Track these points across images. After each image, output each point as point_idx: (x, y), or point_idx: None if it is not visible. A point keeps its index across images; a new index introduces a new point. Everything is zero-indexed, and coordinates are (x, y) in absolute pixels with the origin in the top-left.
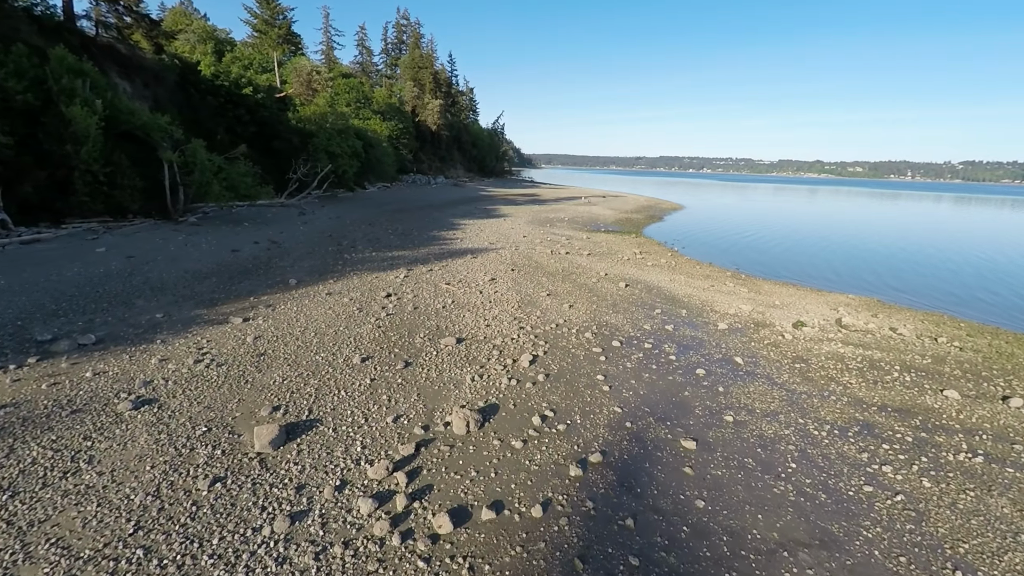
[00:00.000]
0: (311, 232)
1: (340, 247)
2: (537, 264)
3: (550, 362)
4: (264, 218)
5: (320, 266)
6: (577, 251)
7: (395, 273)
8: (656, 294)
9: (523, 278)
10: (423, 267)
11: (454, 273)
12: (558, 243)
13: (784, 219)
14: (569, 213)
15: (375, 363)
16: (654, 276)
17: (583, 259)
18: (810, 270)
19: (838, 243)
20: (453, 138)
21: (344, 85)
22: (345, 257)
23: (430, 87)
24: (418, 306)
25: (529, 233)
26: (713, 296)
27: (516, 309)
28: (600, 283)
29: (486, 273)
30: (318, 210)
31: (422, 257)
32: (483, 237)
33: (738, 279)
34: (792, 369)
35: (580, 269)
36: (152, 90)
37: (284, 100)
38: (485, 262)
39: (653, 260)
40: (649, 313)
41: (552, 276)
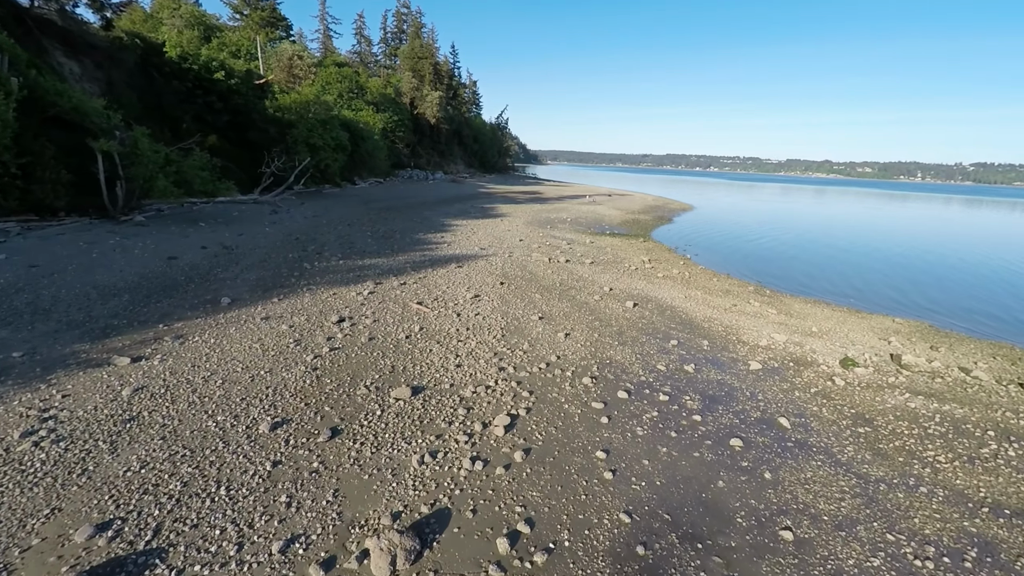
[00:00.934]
0: (277, 234)
1: (304, 253)
2: (531, 276)
3: (533, 427)
4: (229, 217)
5: (270, 279)
6: (579, 258)
7: (359, 288)
8: (671, 317)
9: (513, 295)
10: (396, 280)
11: (431, 288)
12: (558, 248)
13: (798, 222)
14: (572, 213)
15: (290, 432)
16: (666, 292)
17: (585, 269)
18: (839, 283)
19: (859, 250)
20: (453, 132)
21: (336, 74)
22: (305, 267)
23: (430, 78)
24: (375, 335)
25: (527, 236)
26: (738, 320)
27: (499, 340)
28: (604, 301)
29: (470, 288)
30: (295, 208)
31: (398, 266)
32: (474, 241)
33: (762, 295)
34: (856, 436)
35: (581, 282)
36: (106, 72)
37: (263, 88)
38: (471, 273)
39: (664, 270)
40: (663, 345)
41: (547, 292)
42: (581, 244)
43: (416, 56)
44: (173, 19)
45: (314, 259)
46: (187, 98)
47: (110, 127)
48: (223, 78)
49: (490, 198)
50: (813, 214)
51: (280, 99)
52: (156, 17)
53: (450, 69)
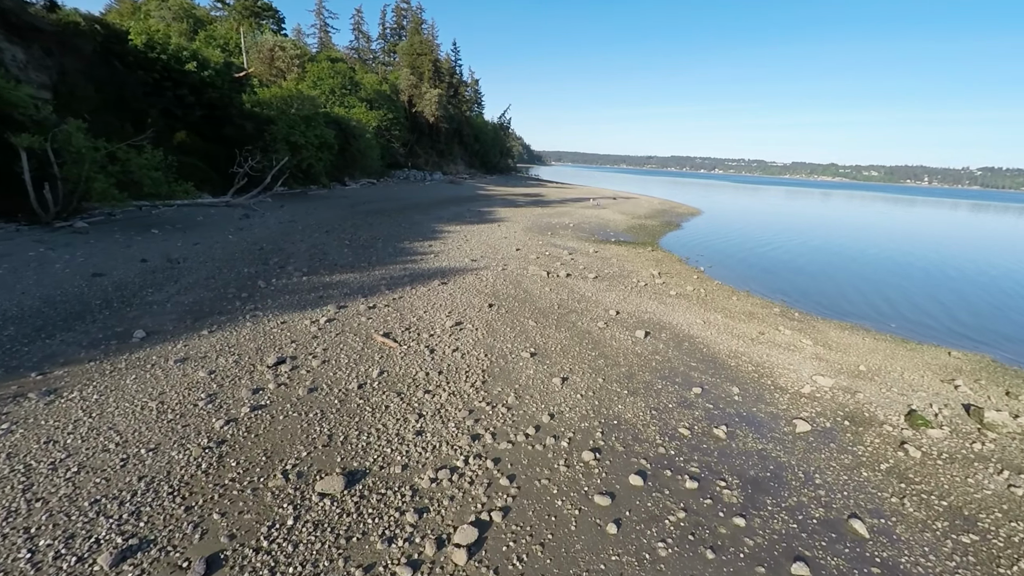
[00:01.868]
0: (240, 243)
1: (264, 267)
2: (526, 295)
3: (511, 545)
4: (191, 222)
5: (209, 302)
6: (581, 272)
7: (316, 314)
8: (690, 351)
9: (503, 321)
10: (364, 302)
11: (406, 313)
12: (558, 259)
13: (810, 228)
14: (575, 217)
15: (142, 569)
16: (682, 316)
17: (588, 285)
18: (872, 302)
19: (882, 260)
20: (453, 131)
21: (329, 69)
22: (259, 285)
23: (429, 75)
24: (318, 385)
25: (525, 244)
26: (769, 354)
27: (477, 389)
28: (609, 330)
29: (452, 312)
30: (271, 212)
31: (371, 283)
32: (465, 250)
33: (790, 319)
34: (962, 551)
35: (583, 303)
36: (57, 60)
37: (241, 81)
38: (456, 292)
39: (677, 286)
40: (684, 395)
41: (544, 317)
42: (584, 254)
43: (415, 52)
44: (161, 11)
45: (273, 275)
46: (154, 91)
47: (42, 119)
48: (195, 69)
49: (489, 200)
50: (825, 219)
51: (260, 93)
52: (143, 9)
53: (451, 67)
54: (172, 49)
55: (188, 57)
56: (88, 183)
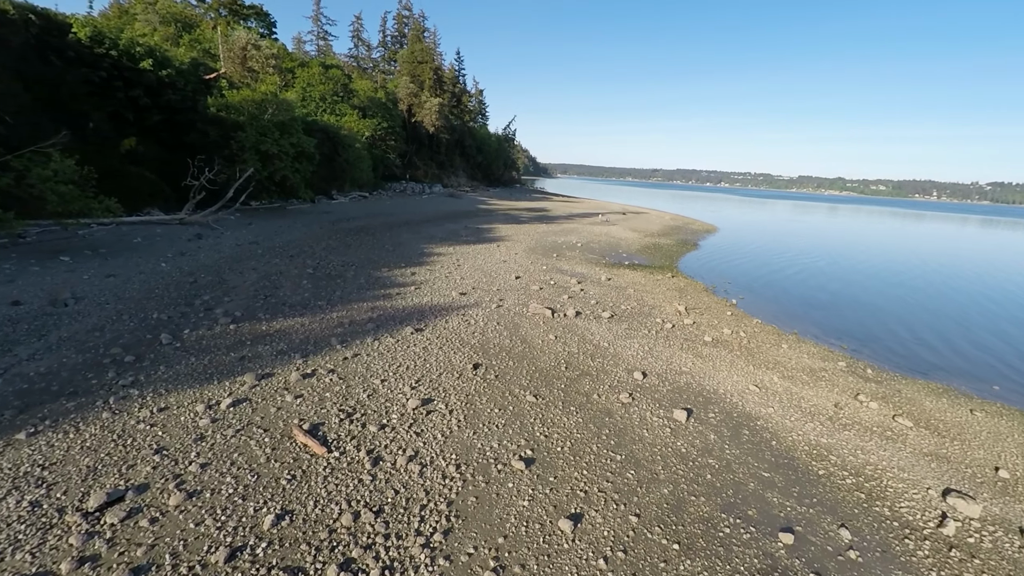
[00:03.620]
0: (169, 274)
1: (184, 310)
2: (525, 346)
3: None
4: (124, 246)
5: (68, 373)
6: (593, 309)
7: (220, 391)
8: (755, 448)
9: (489, 395)
10: (299, 366)
11: (354, 385)
12: (565, 291)
13: (834, 245)
14: (583, 235)
15: None
16: (728, 377)
17: (602, 329)
18: (953, 343)
19: (932, 286)
20: (455, 142)
21: (319, 75)
22: (160, 342)
23: (430, 84)
24: (155, 561)
25: (526, 270)
26: (864, 447)
27: (433, 551)
28: (636, 408)
29: (421, 380)
30: (233, 230)
31: (320, 334)
32: (455, 280)
33: (863, 378)
34: None
35: (598, 359)
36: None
37: (209, 83)
38: (433, 345)
39: (710, 327)
40: (768, 549)
41: (546, 385)
42: (595, 282)
43: (416, 60)
44: (147, 15)
45: (191, 323)
46: (102, 91)
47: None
48: (151, 67)
49: (489, 216)
50: (845, 235)
51: (228, 96)
52: (130, 13)
53: (454, 76)
54: (124, 44)
55: (143, 54)
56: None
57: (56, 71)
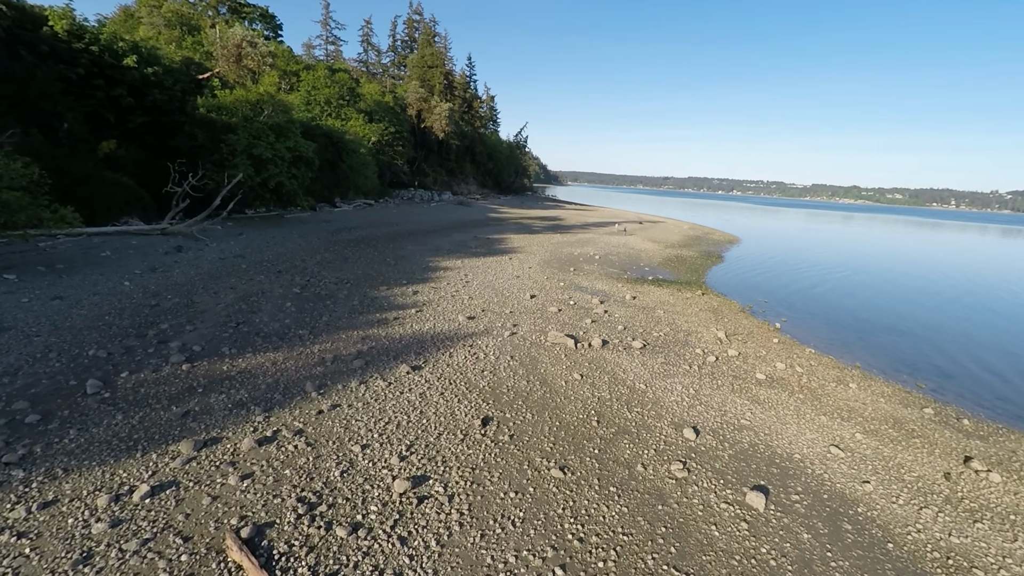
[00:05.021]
0: (129, 295)
1: (131, 344)
2: (545, 389)
3: None
4: (88, 260)
5: None
6: (621, 336)
7: (139, 468)
8: (863, 554)
9: (501, 467)
10: (259, 425)
11: (326, 453)
12: (588, 313)
13: (864, 255)
14: (600, 246)
15: None
16: (799, 434)
17: (635, 365)
18: None
19: (982, 300)
20: (465, 148)
21: (325, 78)
22: (84, 392)
23: (440, 89)
24: None
25: (542, 287)
26: (1018, 554)
27: None
28: (691, 484)
29: (414, 445)
30: (220, 241)
31: (293, 377)
32: (463, 300)
33: (963, 432)
34: None
35: (635, 407)
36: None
37: (202, 83)
38: (432, 389)
39: (759, 359)
40: None
41: (575, 449)
42: (620, 302)
43: (426, 65)
44: (152, 17)
45: (135, 361)
46: (80, 89)
47: None
48: (135, 64)
49: (500, 225)
50: (870, 246)
51: (220, 96)
52: (135, 17)
53: (465, 81)
54: (105, 39)
55: (126, 50)
56: None
57: (27, 68)
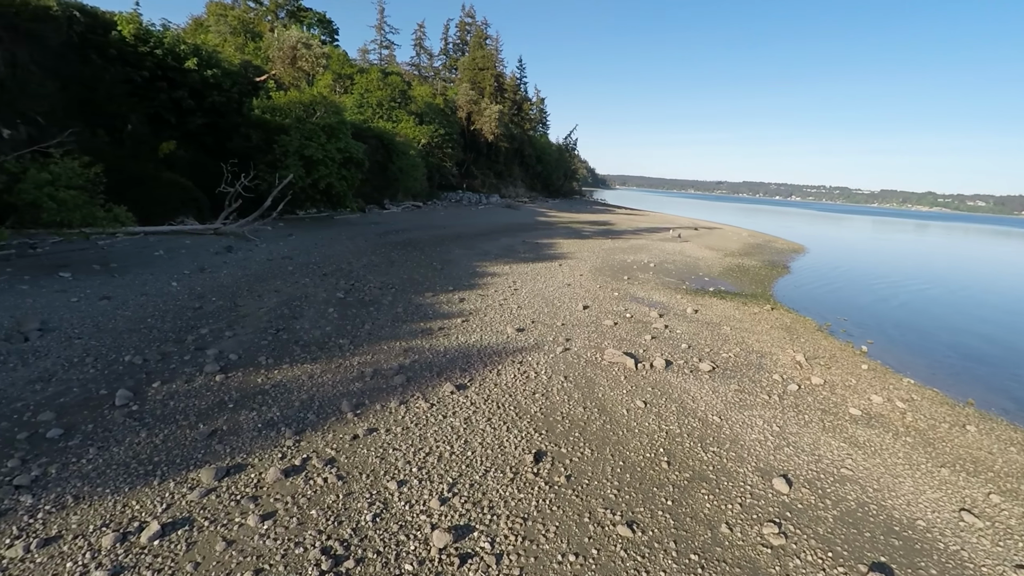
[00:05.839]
0: (175, 297)
1: (169, 350)
2: (604, 416)
3: None
4: (142, 260)
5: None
6: (685, 356)
7: (153, 500)
8: None
9: (558, 513)
10: (288, 452)
11: (359, 490)
12: (646, 327)
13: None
14: (654, 253)
15: None
16: (917, 492)
17: (704, 391)
18: None
19: None
20: (514, 151)
21: (377, 81)
22: (113, 404)
23: (491, 91)
24: None
25: (595, 297)
26: None
27: None
28: (791, 556)
29: (459, 480)
30: (270, 243)
31: (329, 394)
32: (511, 310)
33: None
34: None
35: (709, 446)
36: (7, 48)
37: (258, 86)
38: (479, 413)
39: (850, 391)
40: None
41: (640, 494)
42: (681, 315)
43: (476, 67)
44: (219, 25)
45: (169, 369)
46: (143, 91)
47: None
48: (195, 67)
49: (549, 230)
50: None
51: (275, 97)
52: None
53: (515, 83)
54: (169, 42)
55: (188, 53)
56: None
57: (95, 70)
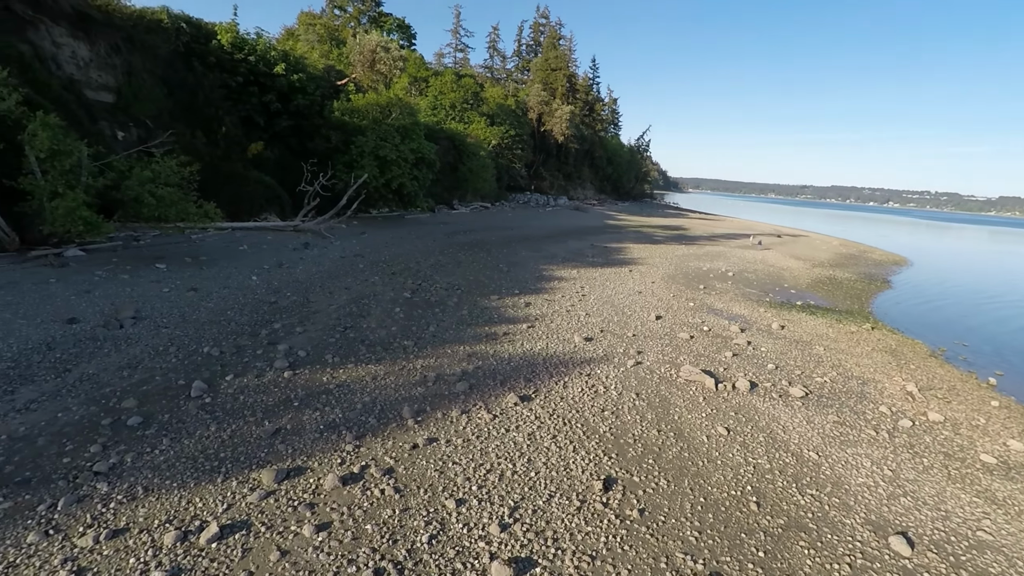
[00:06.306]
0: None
1: (244, 344)
2: (681, 442)
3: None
4: (227, 254)
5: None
6: (772, 379)
7: (215, 499)
8: None
9: (631, 554)
10: (347, 456)
11: (414, 509)
12: (725, 343)
13: None
14: (733, 262)
15: None
16: None
17: (796, 421)
18: None
19: None
20: (584, 152)
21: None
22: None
23: (562, 91)
24: None
25: (668, 307)
26: None
27: None
28: None
29: (520, 504)
30: (343, 240)
31: (393, 395)
32: (578, 317)
33: None
34: None
35: (804, 484)
36: (124, 58)
37: (339, 89)
38: (544, 428)
39: (978, 431)
40: None
41: (726, 539)
42: (765, 331)
43: (549, 68)
44: (308, 34)
45: (243, 363)
46: (237, 96)
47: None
48: (283, 72)
49: (618, 233)
50: None
51: (354, 99)
52: (295, 35)
53: (588, 84)
54: (260, 49)
55: (277, 59)
56: (54, 200)
57: (197, 77)
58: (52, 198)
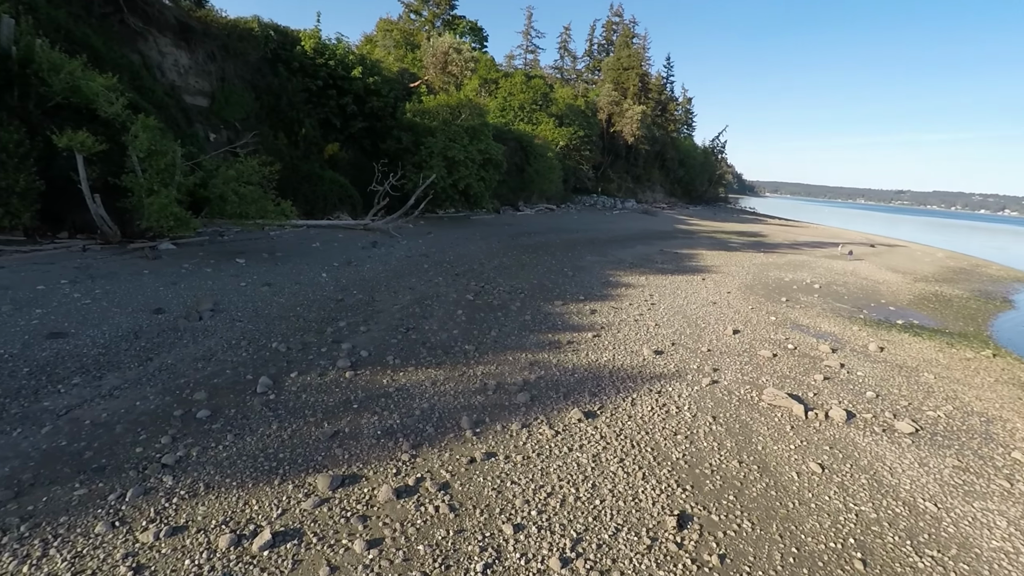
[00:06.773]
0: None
1: (310, 341)
2: (766, 479)
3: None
4: (300, 251)
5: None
6: (873, 409)
7: (270, 504)
8: None
9: None
10: (404, 466)
11: (468, 532)
12: (815, 365)
13: None
14: (819, 273)
15: None
16: None
17: (906, 462)
18: None
19: None
20: (655, 154)
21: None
22: (255, 391)
23: (634, 91)
24: None
25: (747, 321)
26: None
27: None
28: None
29: (583, 538)
30: (409, 239)
31: (452, 403)
32: (647, 326)
33: None
34: None
35: (919, 544)
36: (219, 65)
37: (411, 91)
38: (608, 452)
39: None
40: None
41: None
42: (861, 354)
43: (621, 67)
44: (385, 40)
45: (307, 360)
46: (317, 99)
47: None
48: (360, 75)
49: (690, 239)
50: None
51: (425, 101)
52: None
53: (661, 83)
54: (340, 54)
55: (354, 63)
56: (151, 196)
57: (281, 81)
58: (148, 195)
